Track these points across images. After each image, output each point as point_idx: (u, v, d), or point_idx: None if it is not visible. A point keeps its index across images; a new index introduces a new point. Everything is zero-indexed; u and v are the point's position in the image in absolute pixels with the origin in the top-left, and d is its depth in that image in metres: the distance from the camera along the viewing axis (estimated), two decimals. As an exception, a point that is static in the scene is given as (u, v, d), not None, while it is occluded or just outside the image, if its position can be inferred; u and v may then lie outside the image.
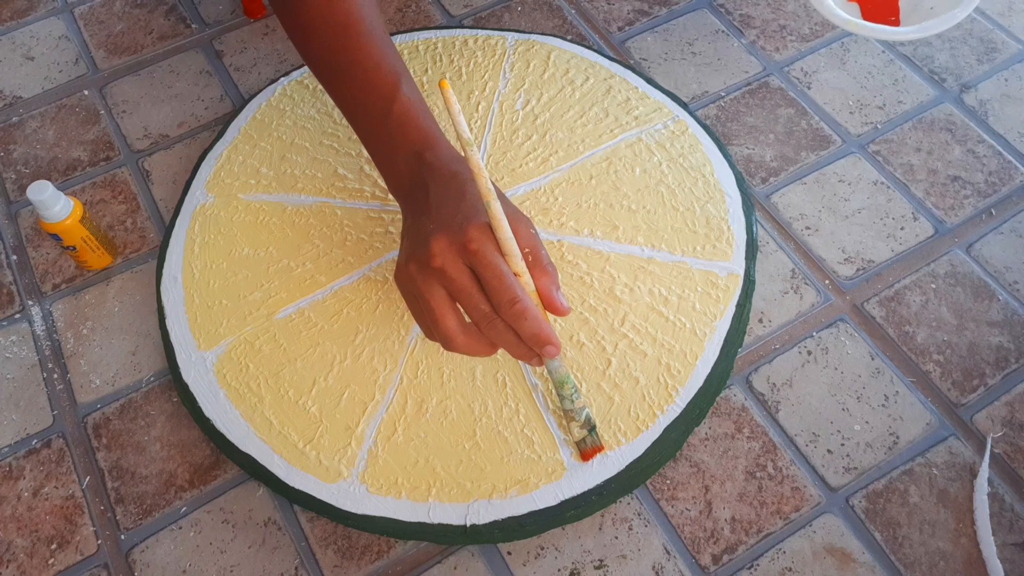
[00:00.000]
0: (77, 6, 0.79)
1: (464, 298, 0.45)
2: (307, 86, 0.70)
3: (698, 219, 0.61)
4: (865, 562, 0.50)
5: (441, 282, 0.45)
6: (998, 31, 0.74)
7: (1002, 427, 0.54)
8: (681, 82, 0.71)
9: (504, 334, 0.45)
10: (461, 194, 0.47)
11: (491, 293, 0.44)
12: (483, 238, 0.44)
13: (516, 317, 0.44)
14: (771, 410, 0.55)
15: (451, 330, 0.45)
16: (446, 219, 0.46)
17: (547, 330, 0.44)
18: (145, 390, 0.57)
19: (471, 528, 0.50)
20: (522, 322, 0.44)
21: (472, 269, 0.45)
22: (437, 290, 0.45)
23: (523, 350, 0.46)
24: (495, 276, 0.44)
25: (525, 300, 0.44)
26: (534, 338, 0.44)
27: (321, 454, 0.52)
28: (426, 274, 0.45)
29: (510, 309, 0.44)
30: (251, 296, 0.59)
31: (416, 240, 0.47)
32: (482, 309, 0.44)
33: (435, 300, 0.45)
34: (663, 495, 0.52)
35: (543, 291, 0.46)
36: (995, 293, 0.60)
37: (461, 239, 0.44)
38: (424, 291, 0.45)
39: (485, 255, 0.44)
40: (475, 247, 0.44)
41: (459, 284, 0.44)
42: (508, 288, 0.44)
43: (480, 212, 0.46)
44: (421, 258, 0.45)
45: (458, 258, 0.44)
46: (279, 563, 0.51)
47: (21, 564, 0.51)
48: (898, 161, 0.66)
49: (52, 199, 0.55)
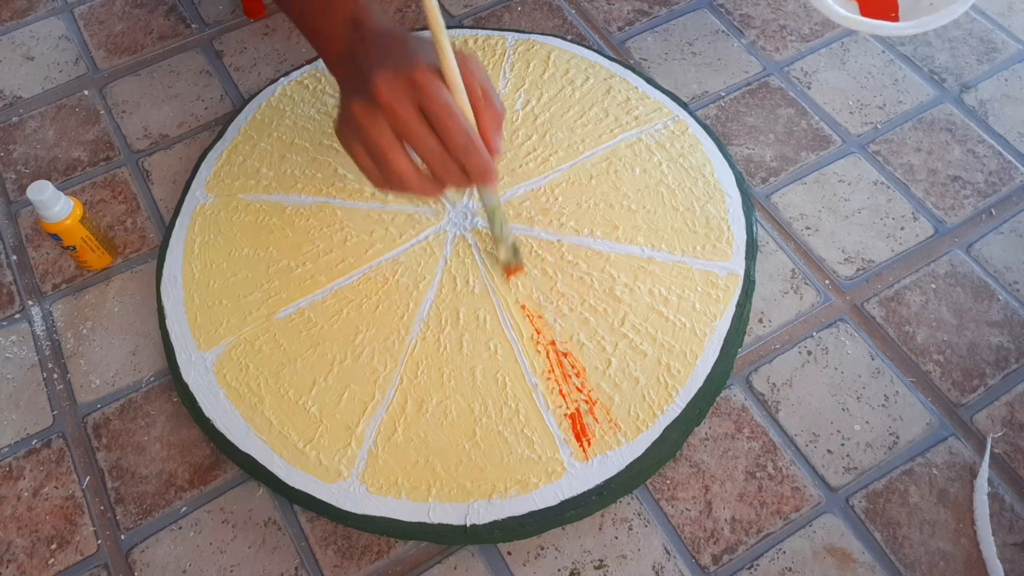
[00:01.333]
0: (77, 6, 0.79)
1: (414, 136, 0.43)
2: (307, 86, 0.70)
3: (698, 219, 0.61)
4: (865, 562, 0.50)
5: (389, 120, 0.43)
6: (998, 31, 0.74)
7: (1002, 427, 0.54)
8: (681, 82, 0.71)
9: (451, 168, 0.44)
10: (403, 43, 0.45)
11: (443, 130, 0.43)
12: (430, 72, 0.42)
13: (466, 153, 0.43)
14: (771, 410, 0.55)
15: (404, 169, 0.44)
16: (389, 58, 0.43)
17: (491, 162, 0.44)
18: (145, 390, 0.57)
19: (471, 528, 0.50)
20: (471, 157, 0.43)
21: (419, 106, 0.43)
22: (384, 128, 0.43)
23: (465, 181, 0.45)
24: (447, 113, 0.42)
25: (474, 135, 0.43)
26: (481, 172, 0.44)
27: (321, 454, 0.52)
28: (371, 113, 0.43)
29: (461, 145, 0.43)
30: (251, 296, 0.59)
31: (357, 85, 0.44)
32: (430, 145, 0.43)
33: (384, 139, 0.43)
34: (663, 495, 0.52)
35: (485, 128, 0.45)
36: (995, 293, 0.60)
37: (407, 73, 0.42)
38: (371, 130, 0.43)
39: (433, 88, 0.42)
40: (421, 79, 0.42)
41: (407, 120, 0.42)
42: (459, 126, 0.42)
43: (426, 52, 0.44)
44: (366, 96, 0.43)
45: (405, 94, 0.42)
46: (279, 563, 0.51)
47: (21, 564, 0.51)
48: (898, 161, 0.66)
49: (52, 199, 0.55)
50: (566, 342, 0.56)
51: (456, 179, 0.45)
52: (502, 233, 0.56)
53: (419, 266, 0.59)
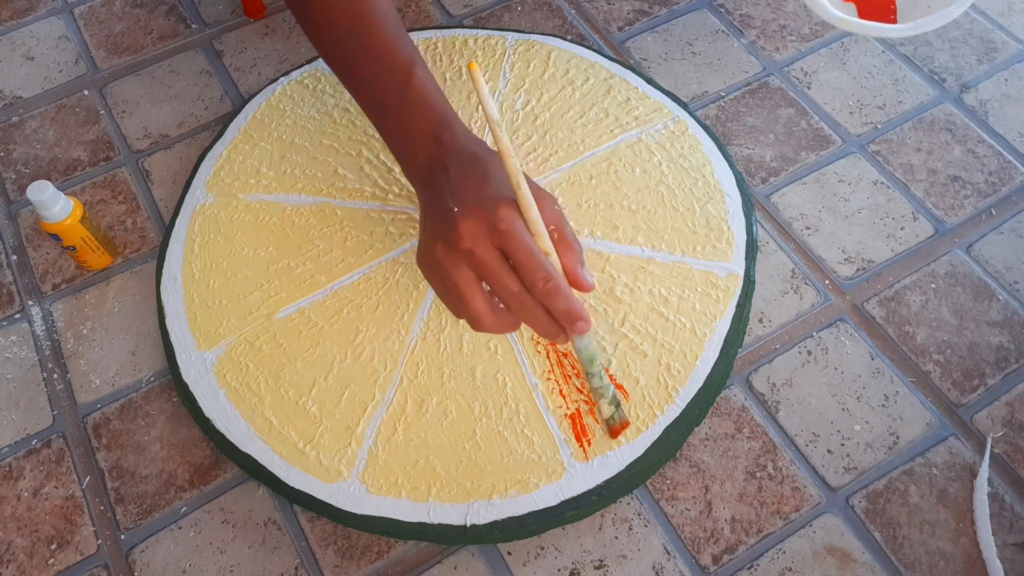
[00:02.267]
0: (77, 6, 0.78)
1: (494, 279, 0.45)
2: (307, 86, 0.70)
3: (698, 219, 0.61)
4: (865, 562, 0.50)
5: (469, 263, 0.45)
6: (998, 31, 0.74)
7: (1002, 427, 0.54)
8: (681, 82, 0.71)
9: (534, 312, 0.45)
10: (485, 174, 0.46)
11: (523, 272, 0.44)
12: (512, 218, 0.44)
13: (549, 295, 0.44)
14: (771, 410, 0.55)
15: (480, 311, 0.45)
16: (472, 199, 0.45)
17: (578, 306, 0.45)
18: (145, 390, 0.57)
19: (471, 528, 0.50)
20: (555, 299, 0.44)
21: (501, 249, 0.44)
22: (465, 272, 0.45)
23: (552, 328, 0.46)
24: (526, 255, 0.44)
25: (557, 278, 0.44)
26: (566, 315, 0.44)
27: (321, 454, 0.52)
28: (454, 256, 0.45)
29: (543, 287, 0.44)
30: (251, 296, 0.59)
31: (441, 221, 0.46)
32: (512, 289, 0.44)
33: (464, 282, 0.45)
34: (663, 495, 0.52)
35: (569, 268, 0.46)
36: (995, 293, 0.60)
37: (490, 219, 0.44)
38: (452, 273, 0.45)
39: (515, 235, 0.44)
40: (504, 227, 0.44)
41: (489, 265, 0.44)
42: (540, 267, 0.44)
43: (506, 191, 0.46)
44: (449, 240, 0.45)
45: (487, 239, 0.44)
46: (279, 563, 0.51)
47: (21, 564, 0.51)
48: (898, 161, 0.66)
49: (52, 199, 0.55)
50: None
51: (537, 320, 0.45)
52: (602, 383, 0.50)
53: (419, 266, 0.59)
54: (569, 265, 0.46)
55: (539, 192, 0.47)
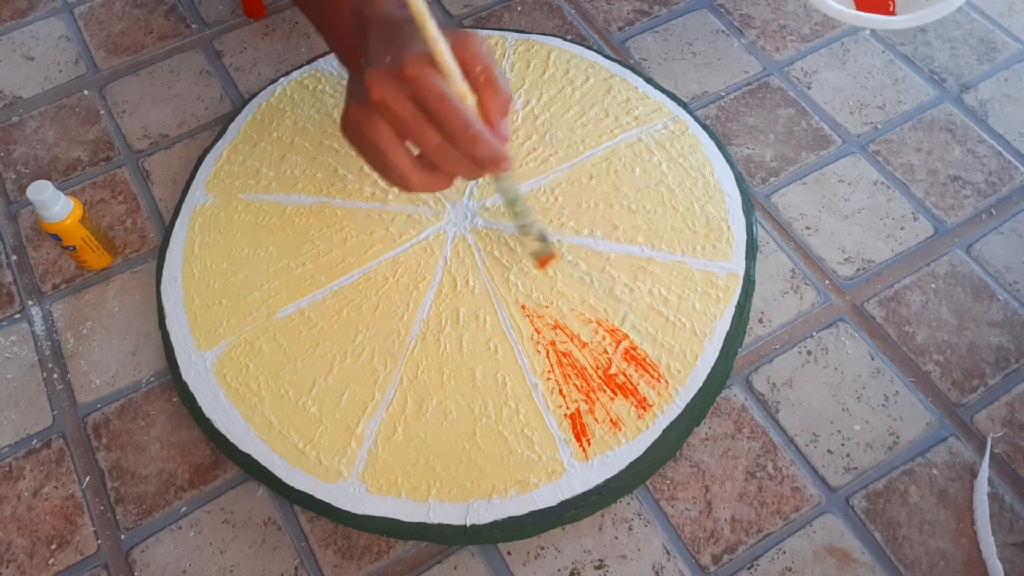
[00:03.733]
0: (77, 6, 0.79)
1: (411, 130, 0.42)
2: (307, 86, 0.70)
3: (698, 219, 0.61)
4: (865, 562, 0.50)
5: (385, 116, 0.42)
6: (998, 31, 0.74)
7: (1002, 427, 0.54)
8: (681, 82, 0.71)
9: (459, 162, 0.43)
10: (398, 31, 0.43)
11: (440, 120, 0.41)
12: (420, 61, 0.41)
13: (470, 143, 0.41)
14: (771, 410, 0.55)
15: (404, 168, 0.43)
16: (381, 53, 0.42)
17: (500, 149, 0.42)
18: (145, 390, 0.57)
19: (471, 528, 0.50)
20: (476, 148, 0.42)
21: (415, 99, 0.41)
22: (381, 127, 0.42)
23: (475, 172, 0.44)
24: (439, 101, 0.41)
25: (476, 124, 0.41)
26: (490, 160, 0.42)
27: (321, 454, 0.52)
28: (367, 112, 0.42)
29: (463, 135, 0.41)
30: (251, 296, 0.59)
31: (356, 83, 0.43)
32: (431, 140, 0.42)
33: (381, 138, 0.43)
34: (663, 495, 0.52)
35: (488, 115, 0.43)
36: (995, 293, 0.60)
37: (397, 68, 0.41)
38: (369, 131, 0.43)
39: (424, 79, 0.41)
40: (411, 72, 0.41)
41: (402, 116, 0.42)
42: (454, 112, 0.41)
43: (415, 41, 0.42)
44: (361, 96, 0.42)
45: (397, 88, 0.41)
46: (279, 563, 0.51)
47: (21, 564, 0.51)
48: (898, 161, 0.66)
49: (52, 199, 0.55)
50: (566, 342, 0.56)
51: (464, 170, 0.43)
52: (527, 222, 0.52)
53: (419, 266, 0.59)
54: (492, 111, 0.43)
55: (461, 33, 0.43)
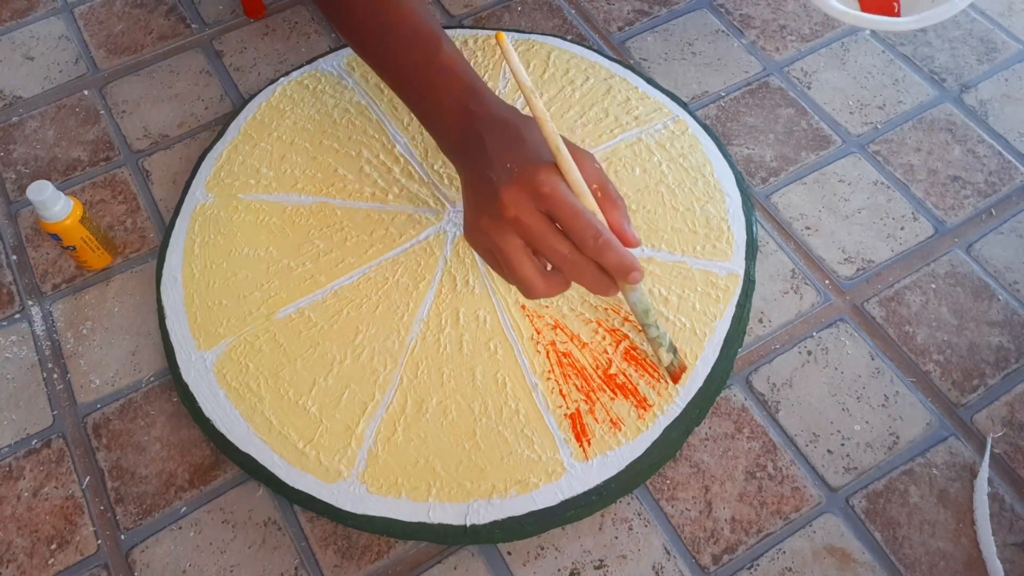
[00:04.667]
0: (77, 6, 0.79)
1: (543, 243, 0.45)
2: (307, 87, 0.70)
3: (698, 219, 0.61)
4: (865, 562, 0.50)
5: (517, 231, 0.45)
6: (998, 31, 0.74)
7: (1002, 427, 0.54)
8: (681, 82, 0.71)
9: (586, 270, 0.45)
10: (520, 139, 0.47)
11: (572, 232, 0.44)
12: (554, 180, 0.44)
13: (600, 251, 0.44)
14: (771, 410, 0.55)
15: (531, 277, 0.46)
16: (511, 166, 0.45)
17: (630, 258, 0.45)
18: (145, 390, 0.57)
19: (471, 528, 0.50)
20: (607, 254, 0.44)
21: (546, 213, 0.44)
22: (513, 240, 0.45)
23: (604, 282, 0.46)
24: (573, 215, 0.44)
25: (607, 233, 0.44)
26: (619, 267, 0.45)
27: (321, 454, 0.52)
28: (500, 226, 0.45)
29: (594, 244, 0.44)
30: (251, 296, 0.59)
31: (483, 193, 0.46)
32: (562, 252, 0.45)
33: (511, 251, 0.45)
34: (663, 495, 0.52)
35: (615, 224, 0.46)
36: (995, 293, 0.60)
37: (532, 185, 0.44)
38: (500, 244, 0.45)
39: (559, 197, 0.44)
40: (547, 190, 0.44)
41: (536, 231, 0.44)
42: (588, 224, 0.44)
43: (544, 154, 0.46)
44: (493, 211, 0.45)
45: (531, 204, 0.44)
46: (279, 563, 0.51)
47: (21, 564, 0.51)
48: (898, 161, 0.66)
49: (52, 199, 0.55)
50: (566, 342, 0.56)
51: (592, 279, 0.46)
52: (659, 332, 0.52)
53: (419, 266, 0.59)
54: (615, 221, 0.46)
55: (577, 151, 0.46)
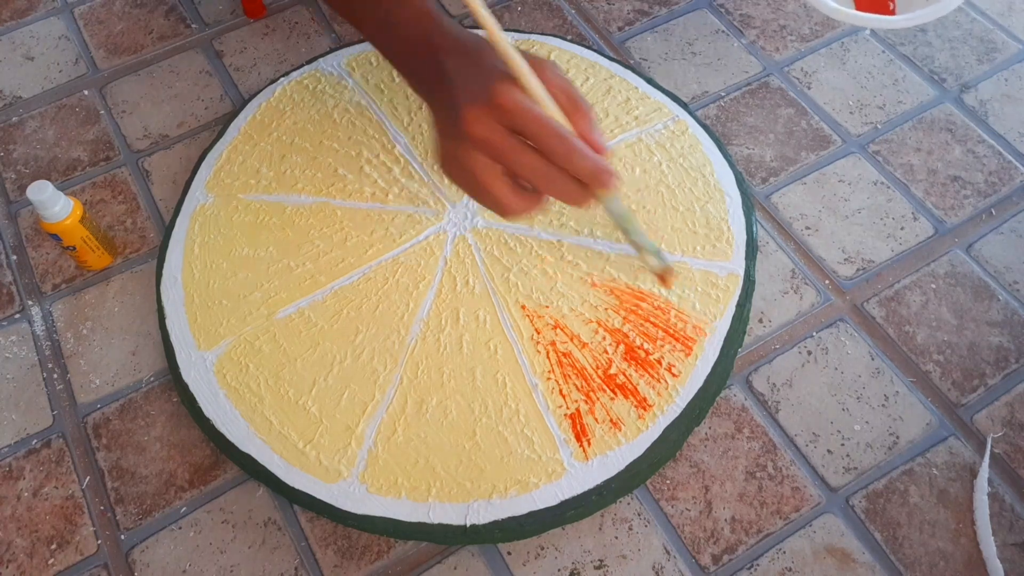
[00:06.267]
0: (77, 6, 0.79)
1: (510, 158, 0.43)
2: (307, 87, 0.70)
3: (698, 219, 0.61)
4: (865, 562, 0.50)
5: (483, 150, 0.44)
6: (998, 31, 0.74)
7: (1002, 427, 0.54)
8: (681, 82, 0.71)
9: (559, 180, 0.43)
10: (479, 60, 0.45)
11: (538, 142, 0.43)
12: (512, 92, 0.43)
13: (570, 157, 0.42)
14: (771, 410, 0.55)
15: (503, 196, 0.45)
16: (468, 86, 0.44)
17: (603, 162, 0.43)
18: (145, 390, 0.57)
19: (471, 528, 0.50)
20: (577, 160, 0.42)
21: (510, 127, 0.43)
22: (480, 159, 0.44)
23: (579, 191, 0.44)
24: (536, 123, 0.42)
25: (574, 139, 0.42)
26: (592, 173, 0.43)
27: (321, 454, 0.52)
28: (466, 148, 0.44)
29: (563, 151, 0.42)
30: (251, 296, 0.59)
31: (447, 119, 0.45)
32: (531, 164, 0.43)
33: (480, 170, 0.44)
34: (663, 495, 0.52)
35: (582, 131, 0.44)
36: (995, 293, 0.60)
37: (490, 100, 0.43)
38: (468, 165, 0.44)
39: (519, 107, 0.42)
40: (506, 103, 0.42)
41: (501, 146, 0.43)
42: (553, 131, 0.42)
43: (500, 69, 0.44)
44: (458, 133, 0.44)
45: (491, 119, 0.43)
46: (279, 563, 0.51)
47: (21, 564, 0.51)
48: (898, 161, 0.66)
49: (52, 199, 0.55)
50: (566, 342, 0.56)
51: (565, 189, 0.44)
52: (640, 239, 0.50)
53: (419, 266, 0.59)
54: (582, 128, 0.44)
55: (537, 61, 0.44)
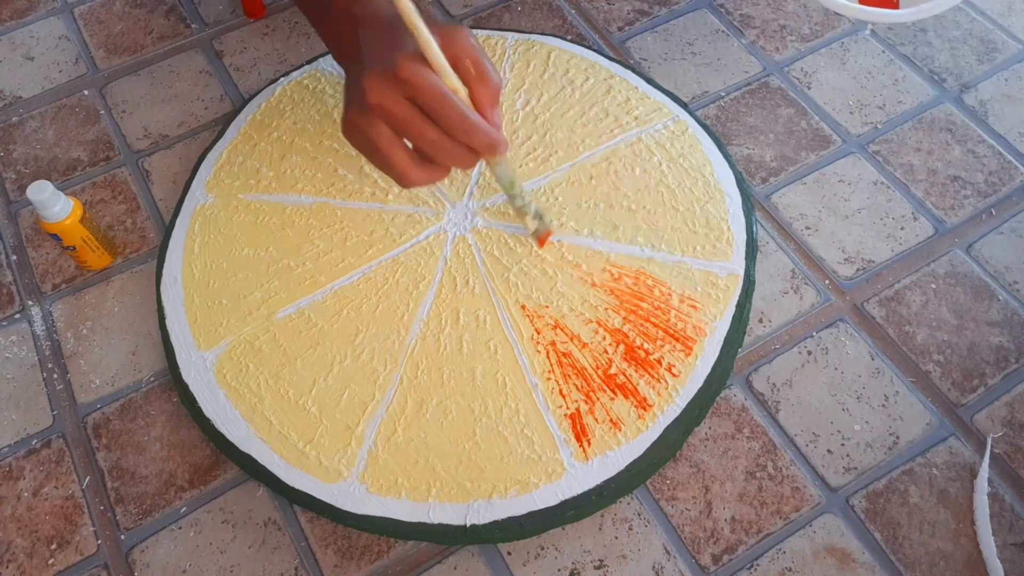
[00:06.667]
0: (77, 6, 0.79)
1: (408, 128, 0.44)
2: (307, 87, 0.70)
3: (698, 219, 0.61)
4: (865, 562, 0.50)
5: (382, 118, 0.44)
6: (998, 31, 0.74)
7: (1002, 427, 0.54)
8: (681, 82, 0.71)
9: (455, 153, 0.45)
10: (392, 31, 0.45)
11: (436, 116, 0.43)
12: (414, 64, 0.43)
13: (467, 133, 0.43)
14: (771, 410, 0.55)
15: (402, 165, 0.45)
16: (376, 57, 0.44)
17: (496, 134, 0.44)
18: (145, 390, 0.57)
19: (471, 528, 0.50)
20: (474, 136, 0.44)
21: (410, 98, 0.43)
22: (380, 128, 0.44)
23: (470, 160, 0.45)
24: (435, 98, 0.43)
25: (471, 114, 0.43)
26: (487, 146, 0.44)
27: (321, 454, 0.52)
28: (366, 114, 0.44)
29: (460, 127, 0.43)
30: (251, 296, 0.59)
31: (352, 87, 0.45)
32: (430, 136, 0.44)
33: (380, 139, 0.44)
34: (663, 495, 0.52)
35: (479, 102, 0.45)
36: (995, 293, 0.60)
37: (391, 70, 0.43)
38: (369, 132, 0.44)
39: (419, 80, 0.43)
40: (405, 73, 0.42)
41: (399, 115, 0.43)
42: (451, 107, 0.43)
43: (407, 42, 0.44)
44: (359, 101, 0.44)
45: (392, 90, 0.43)
46: (279, 563, 0.51)
47: (21, 564, 0.51)
48: (898, 161, 0.66)
49: (52, 199, 0.55)
50: (566, 342, 0.56)
51: (461, 160, 0.45)
52: (524, 202, 0.55)
53: (419, 266, 0.59)
54: (480, 99, 0.45)
55: (451, 29, 0.45)
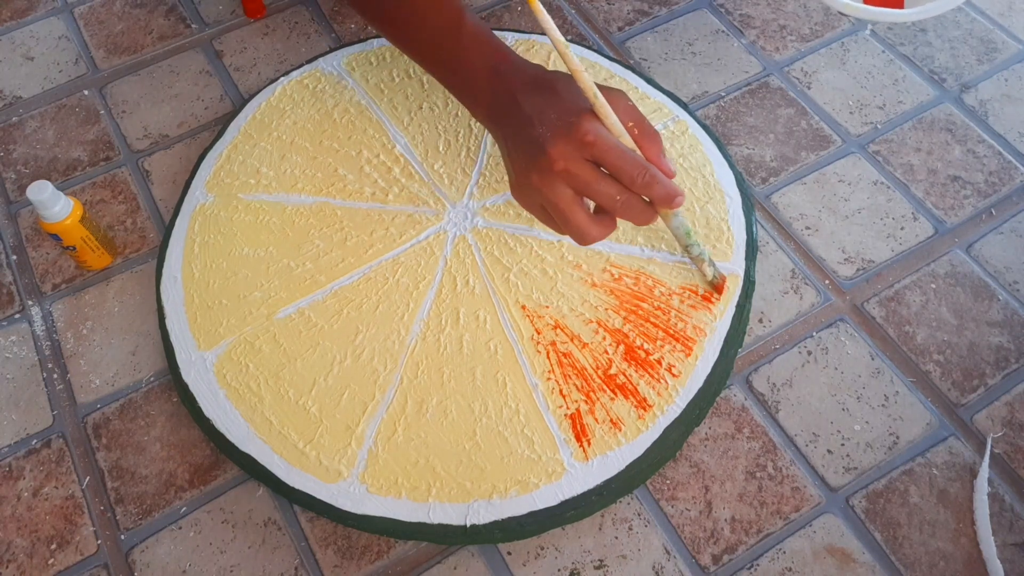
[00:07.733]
0: (77, 6, 0.79)
1: (593, 189, 0.47)
2: (307, 86, 0.70)
3: (698, 219, 0.61)
4: (865, 562, 0.50)
5: (567, 182, 0.47)
6: (998, 31, 0.74)
7: (1002, 427, 0.54)
8: (681, 82, 0.71)
9: (635, 207, 0.48)
10: (555, 93, 0.48)
11: (619, 174, 0.47)
12: (596, 128, 0.46)
13: (648, 186, 0.47)
14: (771, 410, 0.55)
15: (584, 224, 0.48)
16: (552, 121, 0.47)
17: (673, 187, 0.47)
18: (145, 390, 0.57)
19: (471, 528, 0.50)
20: (654, 188, 0.47)
21: (592, 160, 0.47)
22: (563, 191, 0.47)
23: (648, 214, 0.49)
24: (619, 157, 0.46)
25: (651, 168, 0.47)
26: (666, 198, 0.47)
27: (321, 454, 0.52)
28: (551, 180, 0.47)
29: (642, 181, 0.46)
30: (251, 296, 0.59)
31: (527, 151, 0.48)
32: (612, 194, 0.47)
33: (563, 202, 0.47)
34: (663, 495, 0.52)
35: (653, 158, 0.48)
36: (995, 293, 0.60)
37: (577, 136, 0.46)
38: (551, 197, 0.47)
39: (603, 143, 0.46)
40: (591, 138, 0.46)
41: (586, 179, 0.47)
42: (634, 163, 0.46)
43: (580, 104, 0.47)
44: (541, 166, 0.47)
45: (578, 155, 0.46)
46: (279, 563, 0.51)
47: (21, 564, 0.51)
48: (898, 161, 0.66)
49: (52, 199, 0.55)
50: (566, 342, 0.56)
51: (641, 213, 0.48)
52: (700, 251, 0.56)
53: (419, 266, 0.59)
54: (653, 155, 0.48)
55: (611, 93, 0.48)
